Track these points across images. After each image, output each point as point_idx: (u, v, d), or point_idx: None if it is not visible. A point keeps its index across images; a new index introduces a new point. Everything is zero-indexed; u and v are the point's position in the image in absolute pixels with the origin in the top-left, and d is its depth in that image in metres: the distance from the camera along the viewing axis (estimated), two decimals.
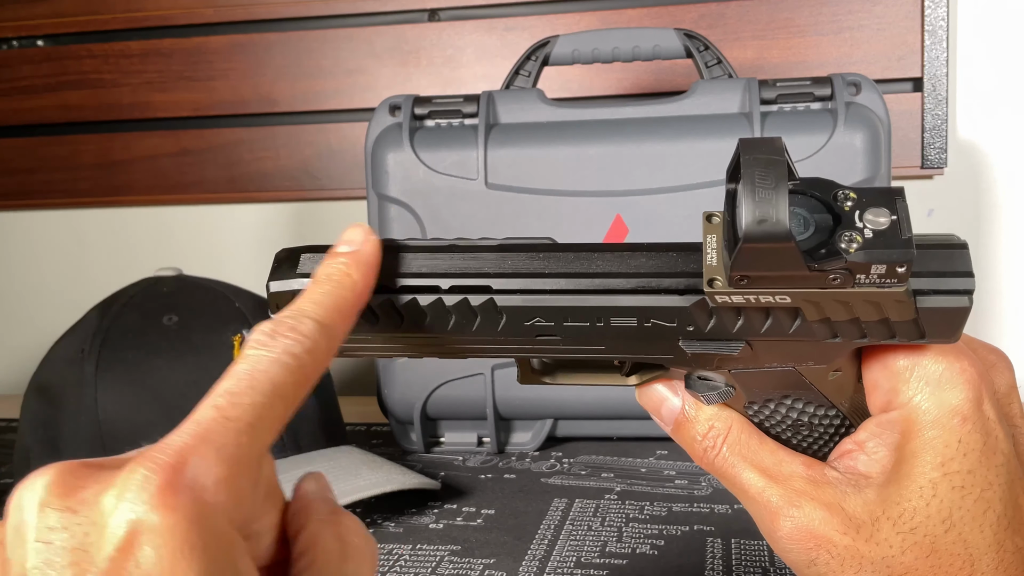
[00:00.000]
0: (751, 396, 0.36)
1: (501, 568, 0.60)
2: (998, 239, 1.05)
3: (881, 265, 0.29)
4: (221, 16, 1.16)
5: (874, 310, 0.31)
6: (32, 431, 0.74)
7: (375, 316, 0.34)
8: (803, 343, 0.33)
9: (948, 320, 0.31)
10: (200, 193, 1.20)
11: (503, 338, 0.34)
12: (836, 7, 1.03)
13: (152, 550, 0.23)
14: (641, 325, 0.33)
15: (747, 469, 0.36)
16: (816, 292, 0.30)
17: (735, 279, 0.30)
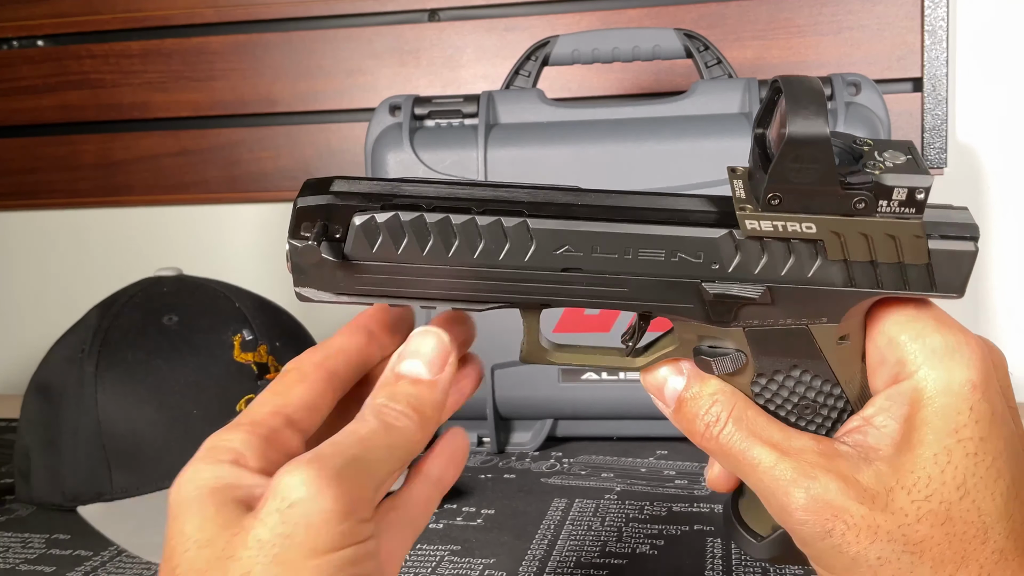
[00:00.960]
0: (761, 366, 0.36)
1: (501, 568, 0.60)
2: (998, 239, 1.05)
3: (903, 189, 0.32)
4: (221, 16, 1.16)
5: (892, 248, 0.33)
6: (32, 431, 0.74)
7: (403, 233, 0.34)
8: (819, 294, 0.34)
9: (956, 265, 0.33)
10: (200, 193, 1.20)
11: (528, 272, 0.35)
12: (836, 7, 1.03)
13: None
14: (668, 259, 0.34)
15: (756, 444, 0.35)
16: (841, 221, 0.32)
17: (767, 200, 0.32)
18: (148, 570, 0.62)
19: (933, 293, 0.34)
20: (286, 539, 0.29)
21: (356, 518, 0.30)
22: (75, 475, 0.71)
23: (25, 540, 0.68)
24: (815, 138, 0.31)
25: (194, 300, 0.79)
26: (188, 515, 0.32)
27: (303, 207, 0.35)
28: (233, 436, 0.34)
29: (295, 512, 0.29)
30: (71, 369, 0.74)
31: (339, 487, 0.30)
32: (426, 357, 0.35)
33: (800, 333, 0.35)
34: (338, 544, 0.30)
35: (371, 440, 0.32)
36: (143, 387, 0.72)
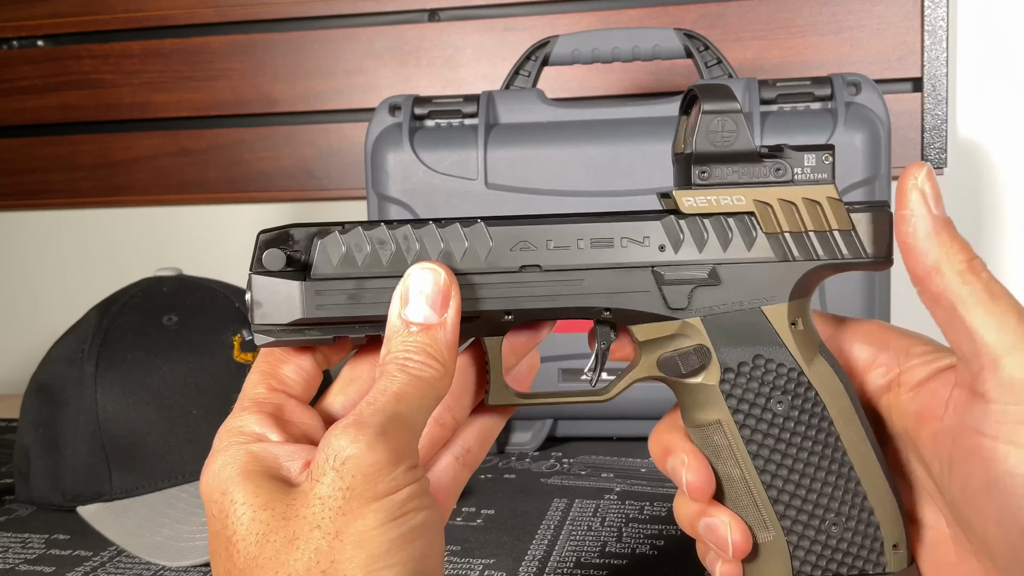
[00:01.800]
0: (725, 359, 0.38)
1: (501, 568, 0.60)
2: (998, 239, 1.05)
3: (811, 155, 0.37)
4: (222, 16, 1.16)
5: (817, 215, 0.37)
6: (32, 431, 0.74)
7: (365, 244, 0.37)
8: (763, 271, 0.37)
9: (879, 228, 0.38)
10: (200, 193, 1.20)
11: (488, 275, 0.37)
12: (836, 7, 1.03)
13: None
14: (619, 247, 0.37)
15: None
16: (765, 190, 0.37)
17: (698, 175, 0.37)
18: (148, 570, 0.62)
19: (865, 259, 0.38)
20: (347, 491, 0.32)
21: (404, 465, 0.33)
22: (75, 475, 0.71)
23: (25, 540, 0.68)
24: (728, 108, 0.36)
25: (194, 300, 0.78)
26: (236, 489, 0.33)
27: (266, 235, 0.36)
28: (246, 418, 0.36)
29: (349, 467, 0.32)
30: (71, 369, 0.74)
31: (385, 441, 0.32)
32: (428, 297, 0.35)
33: (754, 316, 0.37)
34: (392, 488, 0.32)
35: (403, 394, 0.34)
36: (143, 387, 0.72)
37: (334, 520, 0.31)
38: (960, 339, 0.35)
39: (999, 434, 0.33)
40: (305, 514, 0.32)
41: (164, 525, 0.66)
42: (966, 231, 1.17)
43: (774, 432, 0.38)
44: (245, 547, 0.32)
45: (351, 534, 0.31)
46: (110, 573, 0.62)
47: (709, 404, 0.38)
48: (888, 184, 0.79)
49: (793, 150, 0.37)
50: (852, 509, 0.38)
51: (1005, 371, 0.33)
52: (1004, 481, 0.33)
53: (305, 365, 0.38)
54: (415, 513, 0.33)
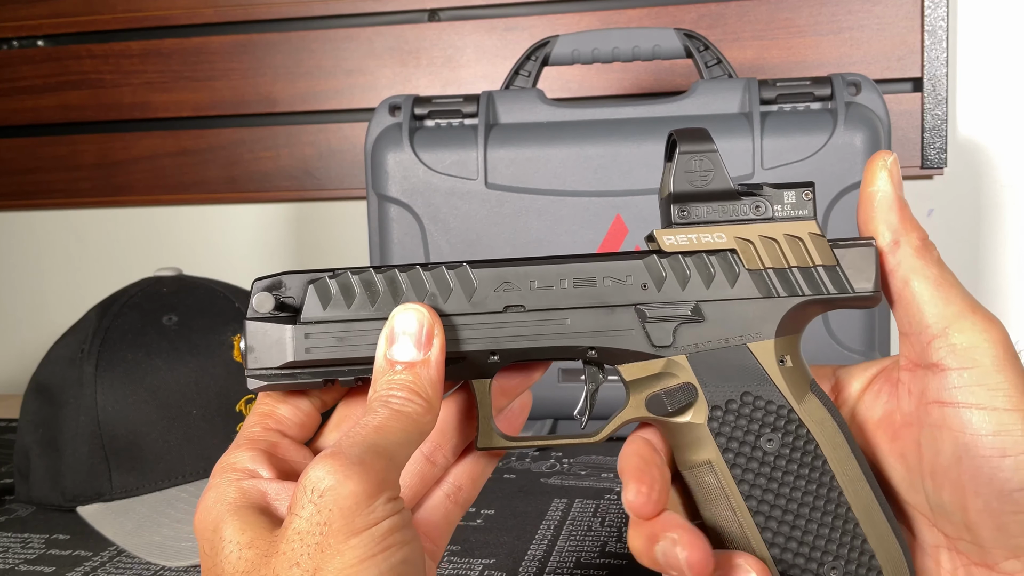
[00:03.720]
0: (712, 397, 0.37)
1: (501, 568, 0.60)
2: (998, 239, 1.05)
3: (791, 192, 0.37)
4: (221, 16, 1.16)
5: (800, 250, 0.37)
6: (32, 431, 0.74)
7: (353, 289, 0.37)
8: (746, 307, 0.37)
9: (863, 263, 0.37)
10: (200, 193, 1.20)
11: (474, 316, 0.37)
12: (836, 7, 1.03)
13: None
14: (601, 285, 0.37)
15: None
16: (745, 227, 0.37)
17: (678, 213, 0.37)
18: (148, 570, 0.62)
19: (851, 294, 0.37)
20: (324, 526, 0.31)
21: (383, 497, 0.32)
22: (75, 475, 0.71)
23: (25, 540, 0.68)
24: (704, 148, 0.37)
25: (194, 300, 0.78)
26: (225, 526, 0.34)
27: (260, 282, 0.38)
28: (240, 455, 0.36)
29: (327, 500, 0.31)
30: (71, 369, 0.74)
31: (362, 472, 0.32)
32: (413, 336, 0.36)
33: (741, 353, 0.37)
34: (372, 521, 0.32)
35: (384, 427, 0.34)
36: (143, 387, 0.72)
37: (312, 557, 0.31)
38: (910, 311, 0.37)
39: (958, 399, 0.35)
40: (285, 550, 0.32)
41: (164, 525, 0.66)
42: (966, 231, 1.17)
43: (766, 471, 0.37)
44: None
45: (329, 572, 0.31)
46: (110, 573, 0.62)
47: (699, 444, 0.38)
48: None
49: (772, 188, 0.37)
50: (851, 552, 0.37)
51: (953, 338, 0.35)
52: (972, 444, 0.34)
53: (302, 406, 0.39)
54: (396, 548, 0.32)
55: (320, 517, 0.31)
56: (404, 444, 0.34)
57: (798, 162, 0.77)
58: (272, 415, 0.38)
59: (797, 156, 0.77)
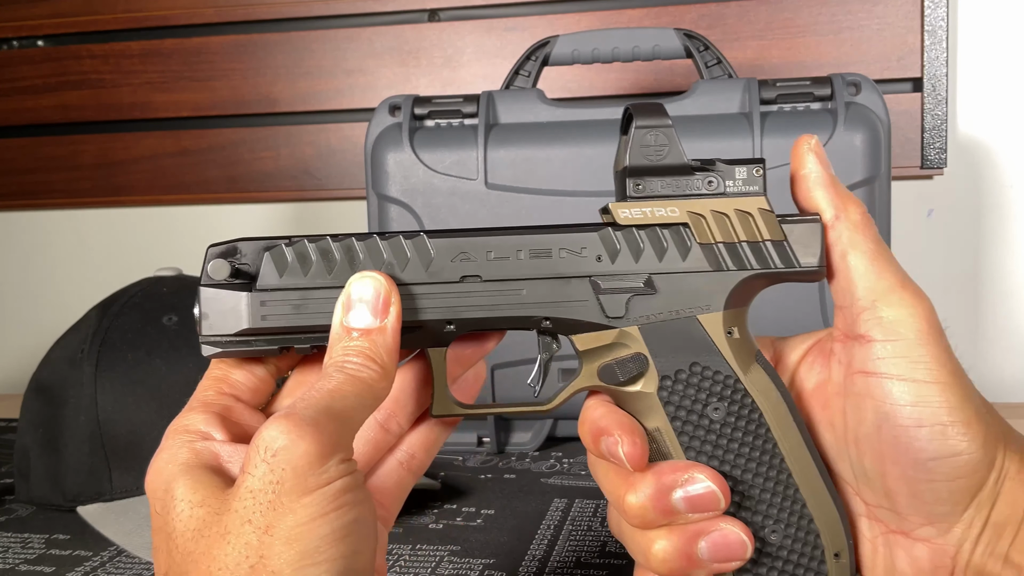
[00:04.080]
0: (662, 367, 0.38)
1: (501, 568, 0.60)
2: (999, 238, 1.05)
3: (743, 168, 0.38)
4: (222, 16, 1.16)
5: (750, 225, 0.38)
6: (32, 431, 0.74)
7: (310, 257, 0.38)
8: (697, 280, 0.38)
9: (809, 239, 0.38)
10: (200, 193, 1.20)
11: (430, 283, 0.38)
12: (836, 7, 1.03)
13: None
14: (557, 257, 0.38)
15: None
16: (698, 202, 0.38)
17: (633, 187, 0.38)
18: (148, 570, 0.62)
19: (798, 268, 0.38)
20: (277, 484, 0.32)
21: (336, 458, 0.33)
22: (75, 475, 0.71)
23: (25, 540, 0.68)
24: (659, 123, 0.38)
25: (194, 300, 0.78)
26: (176, 485, 0.34)
27: (215, 248, 0.38)
28: (192, 417, 0.37)
29: (279, 459, 0.32)
30: (71, 369, 0.74)
31: (316, 432, 0.32)
32: (369, 303, 0.36)
33: (690, 324, 0.38)
34: (324, 481, 0.32)
35: (339, 391, 0.34)
36: (143, 387, 0.72)
37: (264, 515, 0.31)
38: (845, 284, 0.38)
39: (880, 369, 0.36)
40: (237, 508, 0.32)
41: None
42: (965, 230, 1.17)
43: (712, 439, 0.38)
44: (183, 543, 0.33)
45: (281, 529, 0.31)
46: (110, 573, 0.62)
47: (649, 412, 0.39)
48: (888, 184, 0.79)
49: (724, 163, 0.38)
50: (791, 516, 0.38)
51: (881, 311, 0.37)
52: (892, 414, 0.36)
53: (256, 371, 0.39)
54: (348, 508, 0.32)
55: (273, 476, 0.32)
56: (358, 408, 0.35)
57: None
58: (226, 380, 0.39)
59: None
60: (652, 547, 0.37)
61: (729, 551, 0.37)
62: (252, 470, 0.32)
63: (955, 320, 1.05)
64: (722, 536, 0.37)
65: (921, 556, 0.37)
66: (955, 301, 1.06)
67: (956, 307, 1.06)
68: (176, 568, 0.33)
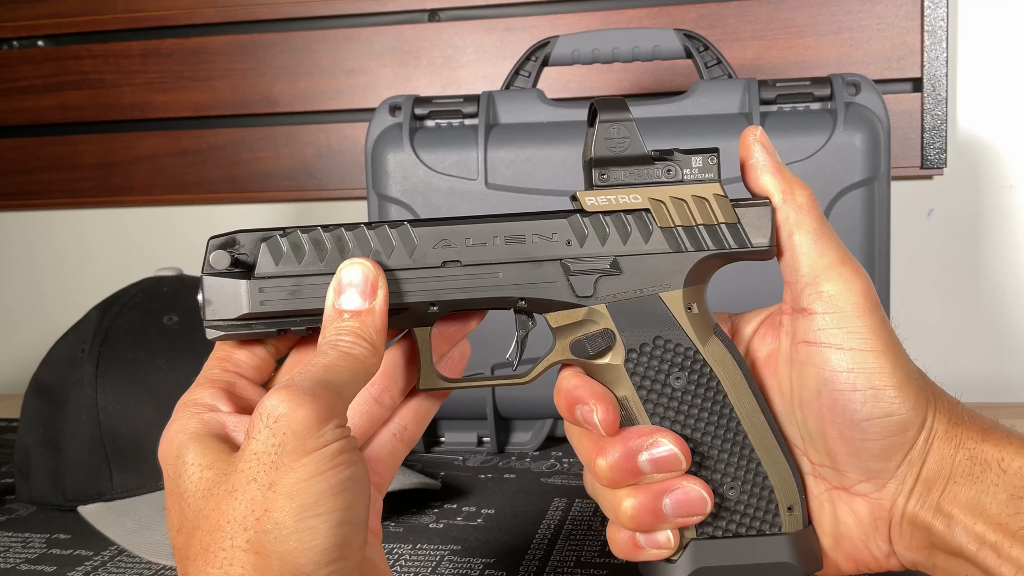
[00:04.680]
0: (628, 340, 0.42)
1: (501, 568, 0.60)
2: (998, 239, 1.05)
3: (698, 157, 0.41)
4: (221, 16, 1.16)
5: (706, 210, 0.41)
6: (32, 431, 0.75)
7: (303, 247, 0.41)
8: (658, 261, 0.41)
9: (760, 220, 0.41)
10: (200, 193, 1.20)
11: (415, 271, 0.41)
12: (836, 7, 1.03)
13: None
14: (530, 242, 0.41)
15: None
16: (658, 189, 0.41)
17: (598, 177, 0.41)
18: (148, 569, 0.63)
19: (750, 248, 0.42)
20: (278, 446, 0.35)
21: (332, 423, 0.36)
22: (75, 475, 0.71)
23: (25, 540, 0.69)
24: (621, 117, 0.41)
25: (194, 300, 0.78)
26: (187, 452, 0.37)
27: (215, 239, 0.41)
28: (200, 392, 0.41)
29: (281, 424, 0.35)
30: (72, 369, 0.74)
31: (313, 401, 0.36)
32: (358, 287, 0.40)
33: (653, 301, 0.42)
34: (321, 444, 0.35)
35: (333, 365, 0.38)
36: (143, 387, 0.72)
37: (268, 473, 0.35)
38: (790, 262, 0.41)
39: (821, 339, 0.40)
40: (243, 468, 0.35)
41: (164, 524, 0.66)
42: (965, 230, 1.17)
43: (674, 405, 0.42)
44: (194, 501, 0.36)
45: (283, 486, 0.34)
46: (111, 572, 0.62)
47: (617, 382, 0.42)
48: (888, 184, 0.79)
49: (682, 153, 0.42)
50: (747, 474, 0.42)
51: (822, 286, 0.40)
52: (830, 378, 0.40)
53: (257, 351, 0.43)
54: (343, 467, 0.36)
55: (275, 439, 0.35)
56: (351, 382, 0.38)
57: (798, 162, 0.77)
58: (229, 359, 0.42)
59: (797, 156, 0.77)
60: (621, 504, 0.41)
61: (691, 507, 0.40)
62: (256, 435, 0.35)
63: (955, 320, 1.06)
64: (684, 493, 0.40)
65: (861, 510, 0.41)
66: (955, 301, 1.06)
67: (956, 307, 1.06)
68: (188, 524, 0.36)
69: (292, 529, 0.34)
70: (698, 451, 0.42)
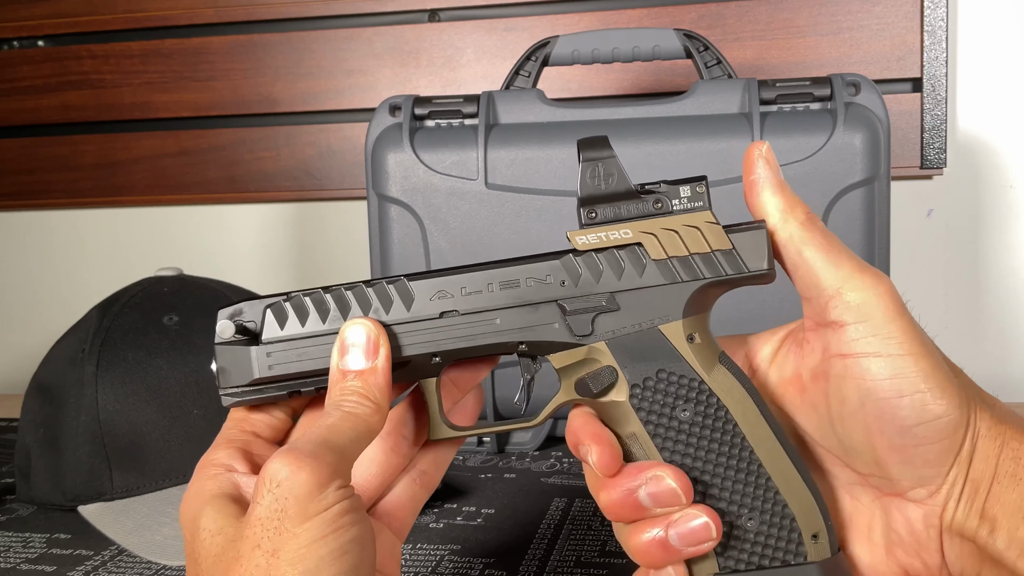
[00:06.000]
0: (631, 376, 0.41)
1: (501, 568, 0.60)
2: (998, 239, 1.05)
3: (686, 186, 0.41)
4: (222, 16, 1.16)
5: (699, 238, 0.41)
6: (32, 431, 0.75)
7: (306, 309, 0.42)
8: (655, 293, 0.41)
9: (756, 245, 0.41)
10: (200, 193, 1.20)
11: (415, 323, 0.42)
12: (836, 7, 1.03)
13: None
14: (525, 286, 0.41)
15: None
16: (648, 222, 0.41)
17: (587, 216, 0.41)
18: (149, 569, 0.63)
19: (747, 273, 0.41)
20: (280, 512, 0.36)
21: (333, 485, 0.37)
22: (75, 475, 0.71)
23: (26, 540, 0.69)
24: (604, 155, 0.41)
25: (194, 300, 0.79)
26: (201, 517, 0.38)
27: (222, 310, 0.42)
28: (218, 453, 0.41)
29: (283, 489, 0.36)
30: (72, 369, 0.74)
31: (313, 463, 0.36)
32: (361, 347, 0.40)
33: (653, 334, 0.41)
34: (323, 507, 0.36)
35: (335, 426, 0.38)
36: (144, 387, 0.72)
37: (271, 539, 0.35)
38: (807, 278, 0.40)
39: (856, 350, 0.39)
40: (248, 535, 0.36)
41: (164, 524, 0.67)
42: (965, 231, 1.17)
43: (683, 438, 0.41)
44: (207, 567, 0.37)
45: (286, 552, 0.35)
46: (111, 572, 0.62)
47: (624, 419, 0.41)
48: (887, 184, 0.79)
49: (668, 184, 0.41)
50: (765, 504, 0.40)
51: (847, 296, 0.39)
52: (873, 388, 0.38)
53: (273, 411, 0.44)
54: (345, 529, 0.36)
55: (278, 504, 0.36)
56: (354, 440, 0.39)
57: (798, 162, 0.77)
58: (247, 419, 0.43)
59: (797, 156, 0.77)
60: (629, 542, 0.40)
61: (695, 535, 0.39)
62: (260, 500, 0.36)
63: (955, 320, 1.06)
64: (688, 522, 0.39)
65: (915, 516, 0.40)
66: (955, 301, 1.06)
67: (956, 307, 1.06)
68: None
69: None
70: (712, 483, 0.41)
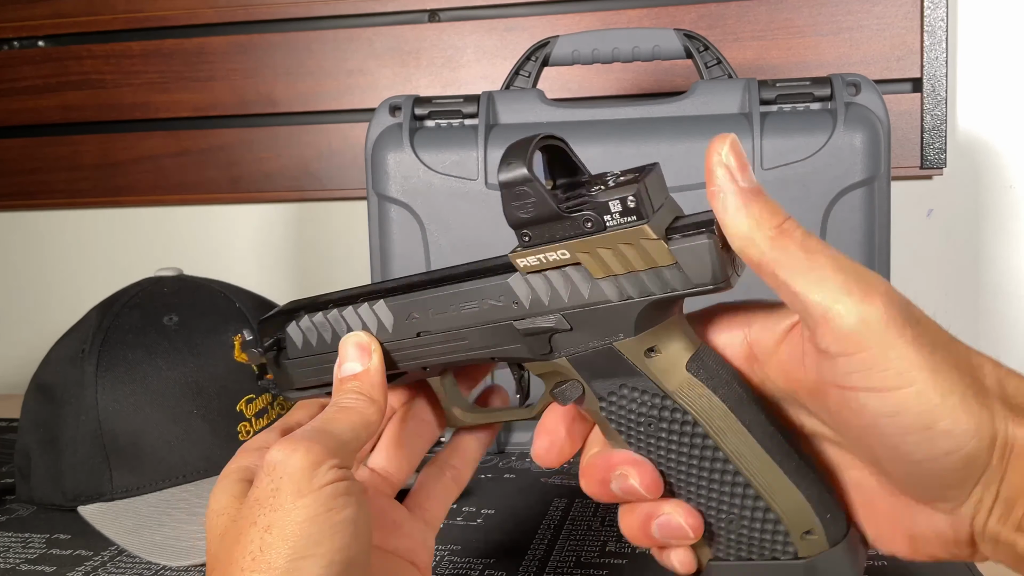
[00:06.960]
0: (596, 390, 0.41)
1: (501, 568, 0.60)
2: (998, 239, 1.05)
3: (616, 201, 0.37)
4: (222, 17, 1.16)
5: (639, 255, 0.37)
6: (32, 431, 0.75)
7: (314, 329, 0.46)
8: (603, 312, 0.39)
9: (699, 258, 0.37)
10: (201, 193, 1.20)
11: (399, 341, 0.44)
12: (836, 7, 1.03)
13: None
14: (482, 308, 0.41)
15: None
16: (582, 241, 0.38)
17: (521, 239, 0.39)
18: (148, 569, 0.63)
19: (694, 289, 0.37)
20: (275, 491, 0.38)
21: (328, 466, 0.38)
22: (75, 475, 0.71)
23: (25, 540, 0.69)
24: (518, 179, 0.38)
25: (194, 300, 0.79)
26: (212, 498, 0.41)
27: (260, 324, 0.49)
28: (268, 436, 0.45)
29: (277, 471, 0.38)
30: (71, 369, 0.74)
31: (308, 446, 0.39)
32: (354, 355, 0.44)
33: (609, 352, 0.40)
34: (316, 486, 0.38)
35: (331, 417, 0.42)
36: (143, 387, 0.72)
37: (266, 516, 0.37)
38: (788, 299, 0.35)
39: (851, 383, 0.34)
40: (246, 514, 0.38)
41: (165, 524, 0.66)
42: (965, 231, 1.17)
43: (660, 452, 0.40)
44: (213, 546, 0.40)
45: (278, 528, 0.37)
46: (111, 573, 0.62)
47: (601, 423, 0.42)
48: (888, 184, 0.79)
49: (597, 202, 0.37)
50: (744, 511, 0.40)
51: (835, 323, 0.34)
52: (874, 425, 0.35)
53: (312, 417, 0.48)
54: (340, 509, 0.38)
55: (273, 485, 0.38)
56: (351, 429, 0.41)
57: (798, 162, 0.77)
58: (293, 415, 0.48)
59: (797, 156, 0.77)
60: (621, 521, 0.43)
61: (673, 532, 0.41)
62: (258, 482, 0.39)
63: (955, 320, 1.05)
64: (667, 520, 0.41)
65: (940, 524, 0.37)
66: (955, 301, 1.06)
67: (956, 307, 1.06)
68: (210, 565, 0.40)
69: (283, 570, 0.36)
70: (687, 486, 0.40)
